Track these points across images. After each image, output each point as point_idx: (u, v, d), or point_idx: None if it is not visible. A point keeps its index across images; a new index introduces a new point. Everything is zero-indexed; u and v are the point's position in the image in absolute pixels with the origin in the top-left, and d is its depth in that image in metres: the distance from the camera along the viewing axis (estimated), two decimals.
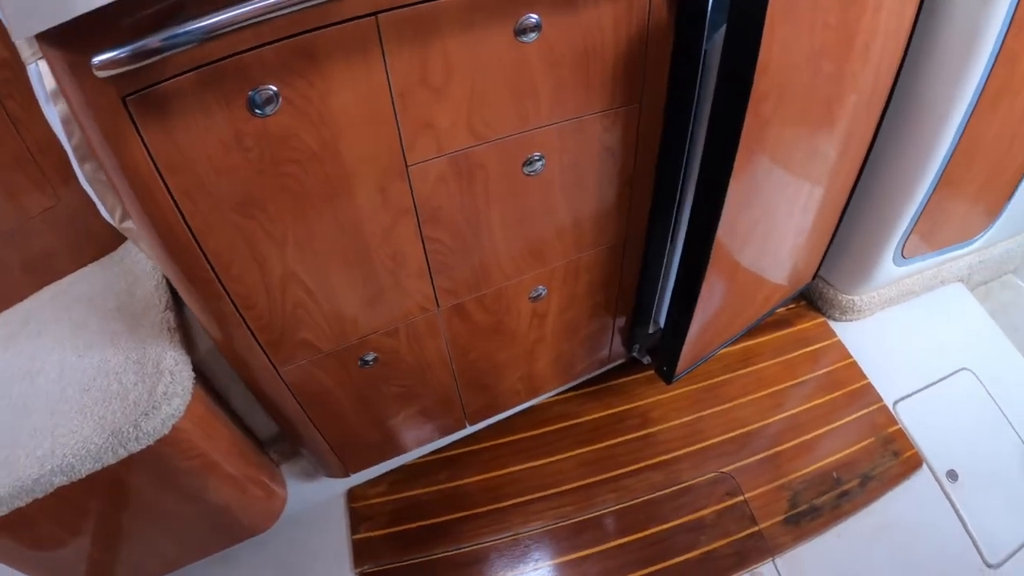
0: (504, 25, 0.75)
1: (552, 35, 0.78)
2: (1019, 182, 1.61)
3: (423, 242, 0.91)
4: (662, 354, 1.32)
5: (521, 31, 0.76)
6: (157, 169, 0.66)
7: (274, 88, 0.66)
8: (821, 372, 1.61)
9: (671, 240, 1.16)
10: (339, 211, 0.80)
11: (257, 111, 0.67)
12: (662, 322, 1.34)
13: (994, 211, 1.67)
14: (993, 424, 1.59)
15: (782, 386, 1.58)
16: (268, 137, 0.70)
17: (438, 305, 1.03)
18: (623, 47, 0.85)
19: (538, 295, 1.13)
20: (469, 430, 1.47)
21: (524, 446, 1.47)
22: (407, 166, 0.81)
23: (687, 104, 0.95)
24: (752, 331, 1.65)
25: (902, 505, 1.42)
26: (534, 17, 0.76)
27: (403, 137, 0.78)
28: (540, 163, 0.92)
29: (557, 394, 1.55)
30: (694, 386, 1.57)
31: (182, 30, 0.56)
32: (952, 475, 1.47)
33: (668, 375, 1.32)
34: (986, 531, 1.40)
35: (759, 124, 0.93)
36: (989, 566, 1.37)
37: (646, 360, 1.44)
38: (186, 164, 0.67)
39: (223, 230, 0.75)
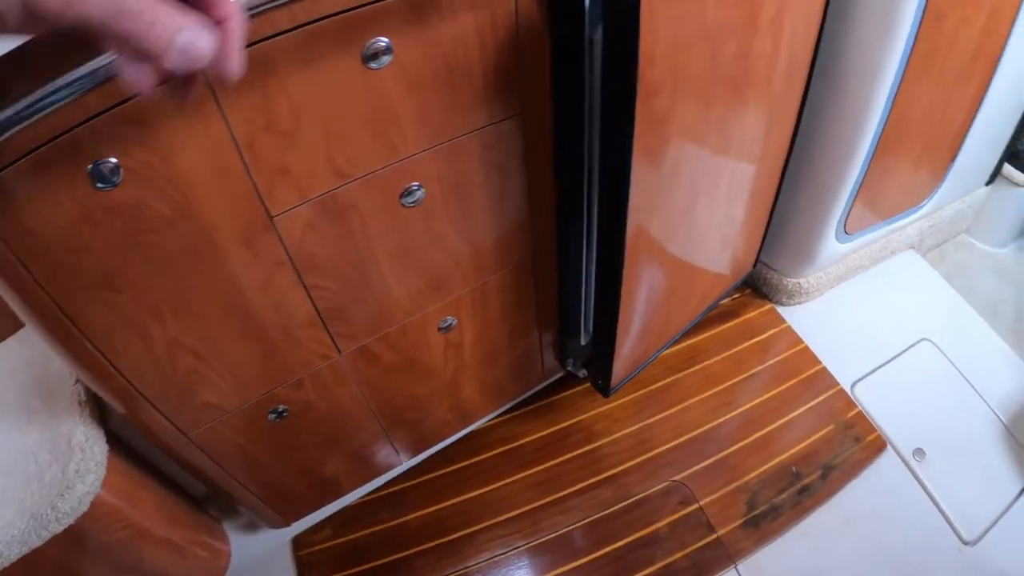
0: (350, 53, 0.69)
1: (407, 57, 0.73)
2: (962, 142, 1.57)
3: (307, 291, 0.87)
4: (595, 367, 1.26)
5: (370, 57, 0.70)
6: (17, 258, 0.64)
7: (114, 160, 0.62)
8: (772, 362, 1.56)
9: (587, 247, 1.11)
10: (209, 273, 0.77)
11: (100, 185, 0.63)
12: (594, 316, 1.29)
13: (939, 174, 1.64)
14: (958, 393, 1.55)
15: (732, 382, 1.53)
16: (117, 210, 0.66)
17: (339, 351, 0.99)
18: (492, 58, 0.79)
19: (448, 325, 1.09)
20: (406, 465, 1.42)
21: (466, 475, 1.41)
22: (271, 217, 0.77)
23: (577, 107, 0.90)
24: (697, 327, 1.60)
25: (869, 492, 1.39)
26: (383, 40, 0.70)
27: (259, 188, 0.73)
28: (420, 192, 0.86)
29: (495, 417, 1.50)
30: (638, 392, 1.52)
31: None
32: (919, 453, 1.43)
33: (604, 389, 1.26)
34: (960, 507, 1.37)
35: (657, 118, 0.88)
36: (966, 543, 1.34)
37: (582, 374, 1.38)
38: (43, 248, 0.65)
39: (95, 308, 0.73)
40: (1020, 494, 1.40)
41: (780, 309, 1.67)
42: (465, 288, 1.05)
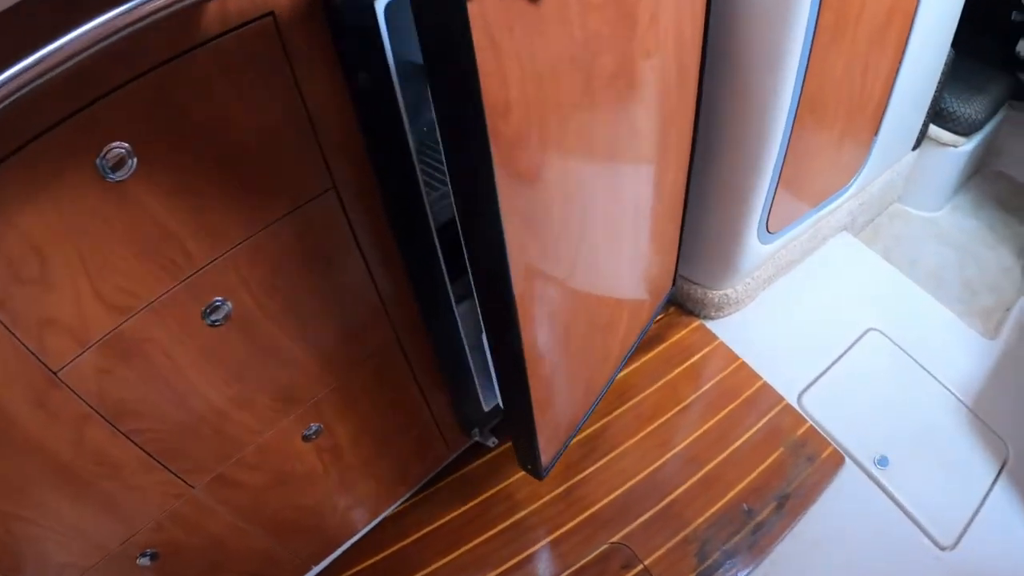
0: (81, 171, 0.59)
1: (154, 158, 0.62)
2: (885, 109, 1.49)
3: (128, 438, 0.78)
4: (518, 449, 1.15)
5: (111, 169, 0.60)
6: None
7: None
8: (708, 386, 1.47)
9: (457, 311, 1.04)
10: (12, 444, 0.70)
11: None
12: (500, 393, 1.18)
13: (864, 147, 1.56)
14: (914, 383, 1.48)
15: (666, 417, 1.43)
16: None
17: (191, 486, 0.90)
18: (275, 131, 0.70)
19: (313, 432, 0.99)
20: (316, 569, 1.30)
21: (383, 567, 1.29)
22: (55, 373, 0.68)
23: (402, 162, 0.82)
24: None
25: (832, 513, 1.30)
26: (122, 147, 0.60)
27: (29, 347, 0.65)
28: (226, 307, 0.77)
29: (407, 500, 1.38)
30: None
31: None
32: (881, 460, 1.35)
33: (535, 472, 1.14)
34: (932, 512, 1.29)
35: (524, 167, 0.78)
36: (944, 549, 1.26)
37: (491, 442, 1.27)
38: None
39: None
40: (992, 485, 1.32)
41: (709, 324, 1.58)
42: (321, 391, 0.95)
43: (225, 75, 0.63)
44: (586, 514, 1.30)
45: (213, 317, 0.76)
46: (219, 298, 0.75)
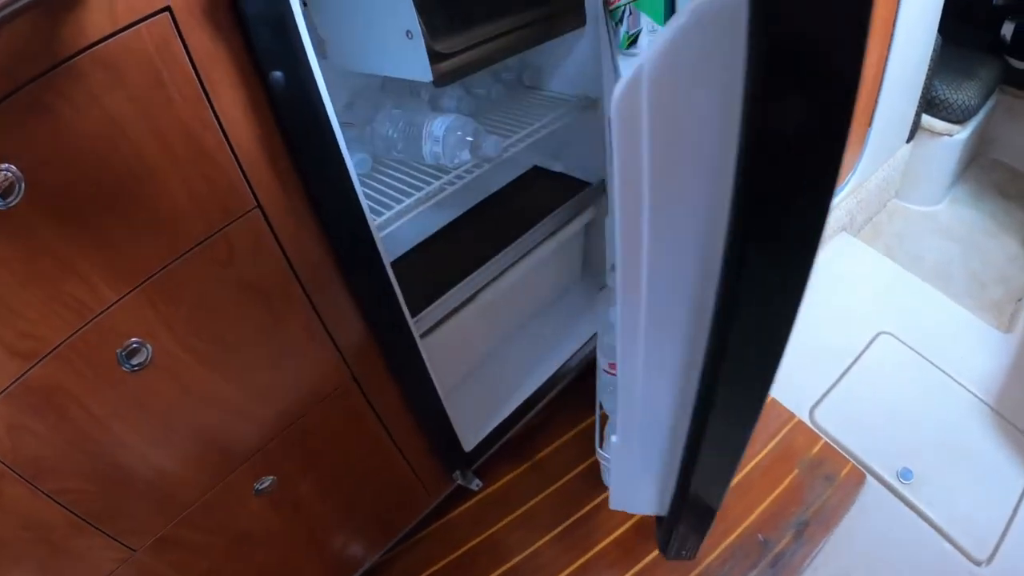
0: None
1: (45, 181, 0.56)
2: (877, 99, 1.44)
3: (51, 499, 0.71)
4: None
5: (1, 195, 0.54)
6: None
7: None
8: None
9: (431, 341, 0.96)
10: None
11: None
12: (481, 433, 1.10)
13: (858, 142, 1.51)
14: (932, 385, 1.39)
15: None
16: None
17: (132, 549, 0.82)
18: (182, 148, 0.63)
19: (267, 486, 0.90)
20: None
21: None
22: None
23: (339, 178, 0.75)
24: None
25: (858, 536, 1.20)
26: (8, 169, 0.54)
27: None
28: (146, 349, 0.69)
29: (388, 551, 1.28)
30: (559, 482, 1.31)
31: None
32: (904, 473, 1.25)
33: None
34: (964, 524, 1.20)
35: None
36: (979, 564, 1.16)
37: (475, 485, 1.18)
38: None
39: None
40: None
41: None
42: (269, 440, 0.87)
43: (118, 82, 0.57)
44: (586, 556, 1.20)
45: (133, 362, 0.68)
46: (136, 339, 0.68)
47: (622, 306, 0.60)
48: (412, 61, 0.90)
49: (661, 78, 0.44)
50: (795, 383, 1.40)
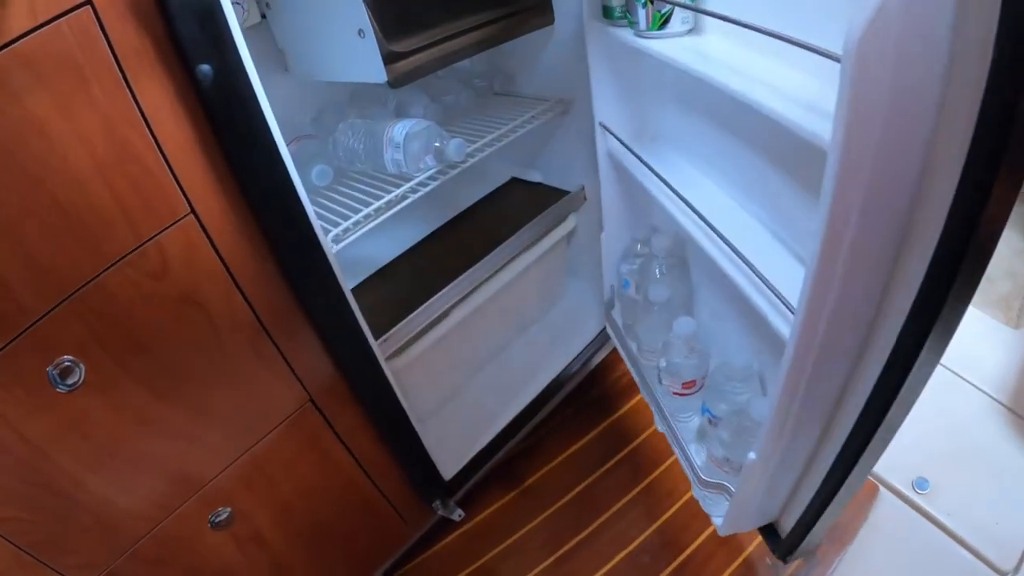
0: None
1: None
2: None
3: None
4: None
5: None
6: None
7: None
8: None
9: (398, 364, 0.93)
10: None
11: None
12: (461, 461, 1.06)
13: None
14: (942, 388, 1.33)
15: (661, 469, 1.27)
16: None
17: None
18: (106, 149, 0.60)
19: (223, 519, 0.85)
20: None
21: None
22: None
23: (281, 184, 0.72)
24: (611, 400, 1.35)
25: (872, 552, 1.14)
26: None
27: None
28: (80, 368, 0.65)
29: None
30: (549, 510, 1.25)
31: None
32: (920, 483, 1.19)
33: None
34: (985, 534, 1.12)
35: None
36: (1006, 575, 1.08)
37: (457, 516, 1.13)
38: None
39: None
40: None
41: None
42: (222, 469, 0.82)
43: (39, 80, 0.55)
44: None
45: (68, 381, 0.65)
46: (68, 357, 0.64)
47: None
48: (365, 62, 0.88)
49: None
50: None
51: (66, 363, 0.64)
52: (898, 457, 1.21)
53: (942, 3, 0.40)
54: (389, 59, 0.87)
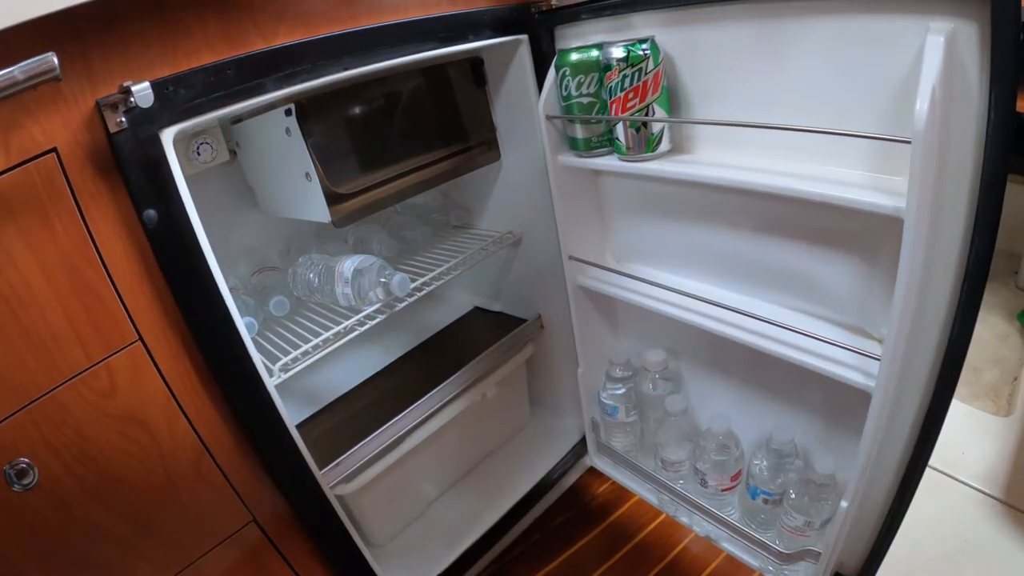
0: None
1: None
2: None
3: None
4: None
5: None
6: None
7: None
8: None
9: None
10: None
11: None
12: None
13: None
14: (933, 491, 1.33)
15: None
16: None
17: None
18: (64, 277, 0.71)
19: None
20: None
21: None
22: None
23: (219, 317, 0.81)
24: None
25: None
26: None
27: None
28: (34, 471, 0.73)
29: None
30: None
31: None
32: None
33: None
34: None
35: None
36: None
37: None
38: None
39: None
40: None
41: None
42: None
43: (8, 215, 0.66)
44: None
45: (23, 481, 0.72)
46: (24, 460, 0.72)
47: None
48: (312, 203, 1.01)
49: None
50: None
51: (22, 465, 0.71)
52: (893, 566, 1.21)
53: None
54: (333, 200, 0.99)
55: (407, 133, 1.11)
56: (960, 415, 1.46)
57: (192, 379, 0.82)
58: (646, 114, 0.93)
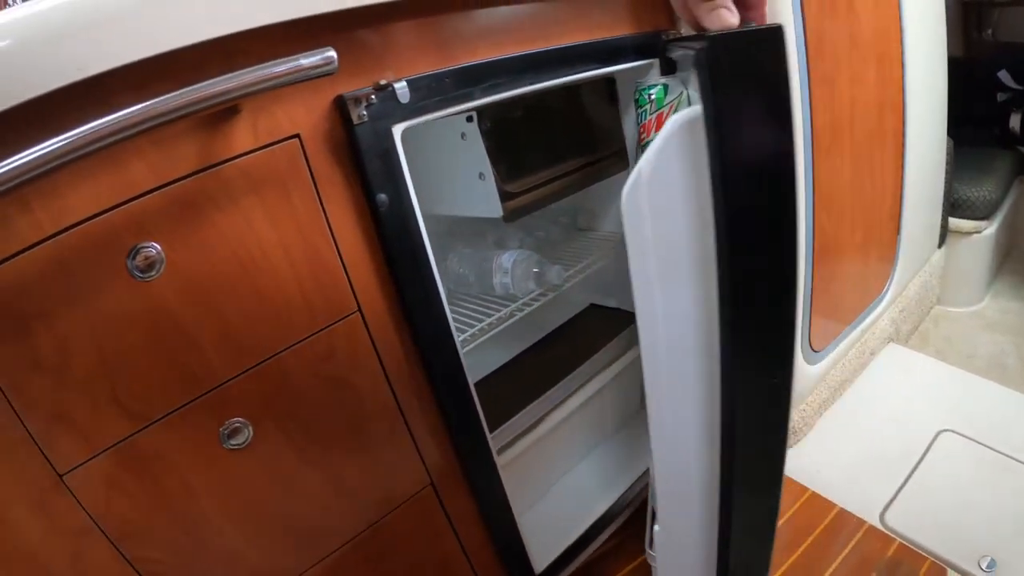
0: (114, 268, 0.65)
1: (184, 261, 0.68)
2: (901, 208, 1.57)
3: (131, 565, 0.73)
4: None
5: (143, 269, 0.66)
6: None
7: None
8: (779, 525, 1.38)
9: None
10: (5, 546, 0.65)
11: None
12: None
13: (890, 251, 1.62)
14: (1002, 472, 1.39)
15: None
16: None
17: None
18: (297, 251, 0.76)
19: None
20: None
21: None
22: (60, 476, 0.66)
23: (428, 291, 0.88)
24: None
25: None
26: (153, 247, 0.66)
27: (37, 438, 0.64)
28: (247, 431, 0.77)
29: None
30: None
31: None
32: (988, 563, 1.22)
33: None
34: None
35: None
36: None
37: None
38: None
39: None
40: None
41: None
42: (346, 538, 0.91)
43: (253, 189, 0.71)
44: None
45: (233, 442, 0.76)
46: (238, 419, 0.76)
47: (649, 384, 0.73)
48: (484, 200, 1.09)
49: (655, 175, 0.60)
50: (860, 491, 1.41)
51: (236, 424, 0.75)
52: (964, 541, 1.27)
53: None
54: (504, 197, 1.08)
55: (556, 141, 1.21)
56: None
57: (397, 346, 0.88)
58: None
